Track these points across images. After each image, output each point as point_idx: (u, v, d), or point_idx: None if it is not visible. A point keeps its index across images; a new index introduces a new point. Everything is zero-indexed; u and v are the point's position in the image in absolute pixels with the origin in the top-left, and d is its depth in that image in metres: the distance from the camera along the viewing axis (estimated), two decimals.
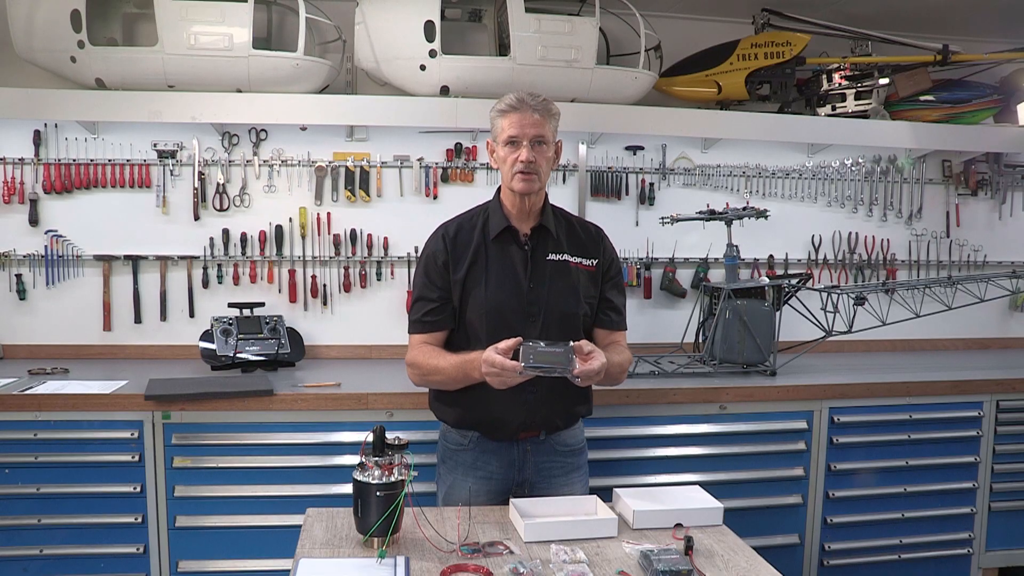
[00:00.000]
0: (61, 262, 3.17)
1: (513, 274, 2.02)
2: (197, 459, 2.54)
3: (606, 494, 1.95)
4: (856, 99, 3.48)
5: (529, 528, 1.73)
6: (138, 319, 3.24)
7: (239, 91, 3.01)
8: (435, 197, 3.38)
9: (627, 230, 3.52)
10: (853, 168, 3.71)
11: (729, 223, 3.21)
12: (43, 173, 3.14)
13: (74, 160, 3.15)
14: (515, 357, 1.80)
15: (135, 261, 3.22)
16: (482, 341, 1.99)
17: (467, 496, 2.03)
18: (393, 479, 1.62)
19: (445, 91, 3.10)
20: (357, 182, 3.32)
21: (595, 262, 2.10)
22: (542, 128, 1.98)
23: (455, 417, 2.08)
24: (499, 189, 2.11)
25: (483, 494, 2.06)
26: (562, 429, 2.11)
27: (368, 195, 3.34)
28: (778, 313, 3.06)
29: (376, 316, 3.36)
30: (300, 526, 1.76)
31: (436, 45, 3.01)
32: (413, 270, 3.32)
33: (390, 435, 1.69)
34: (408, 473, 1.66)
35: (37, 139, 3.12)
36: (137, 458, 2.52)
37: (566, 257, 2.07)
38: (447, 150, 3.39)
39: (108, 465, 2.52)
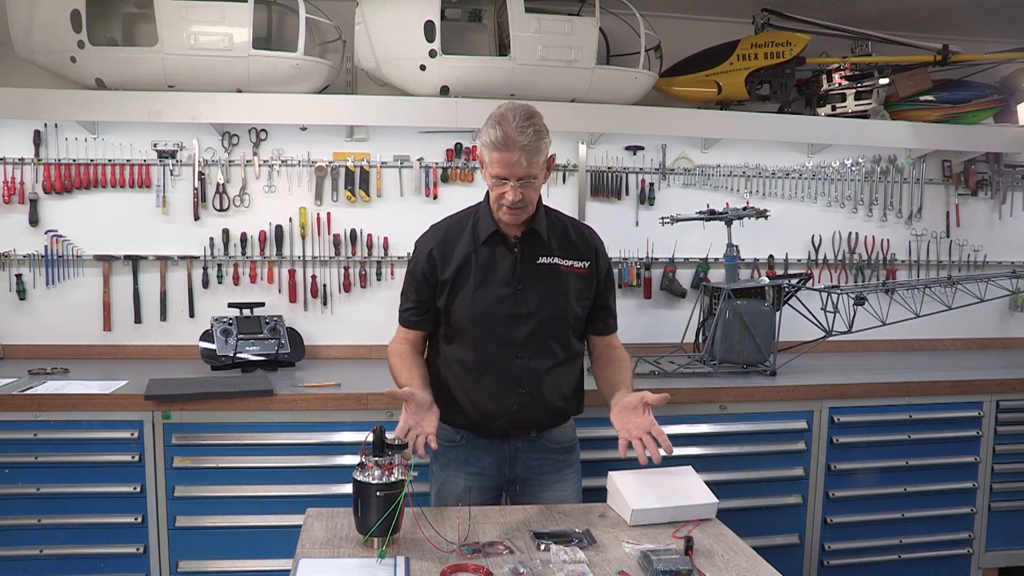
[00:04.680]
0: (61, 262, 3.18)
1: (502, 277, 2.01)
2: (197, 459, 2.54)
3: (604, 494, 1.96)
4: (856, 99, 3.48)
5: (636, 513, 1.79)
6: (138, 319, 3.24)
7: (239, 91, 3.01)
8: (435, 197, 3.38)
9: (627, 230, 3.52)
10: (853, 168, 3.71)
11: (729, 223, 3.21)
12: (43, 173, 3.14)
13: (74, 160, 3.15)
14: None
15: (135, 261, 3.22)
16: (471, 342, 2.01)
17: (460, 493, 2.04)
18: (393, 479, 1.62)
19: (445, 91, 3.10)
20: (357, 182, 3.32)
21: (587, 264, 2.08)
22: (530, 168, 1.88)
23: (446, 411, 2.04)
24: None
25: (475, 491, 2.07)
26: (552, 428, 2.11)
27: (368, 195, 3.34)
28: (778, 313, 3.06)
29: (376, 316, 3.36)
30: (300, 526, 1.75)
31: (436, 45, 3.01)
32: None
33: (390, 435, 1.69)
34: (408, 473, 1.66)
35: (37, 139, 3.12)
36: (137, 458, 2.52)
37: (557, 260, 2.05)
38: (447, 150, 3.39)
39: (108, 465, 2.52)
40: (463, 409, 2.05)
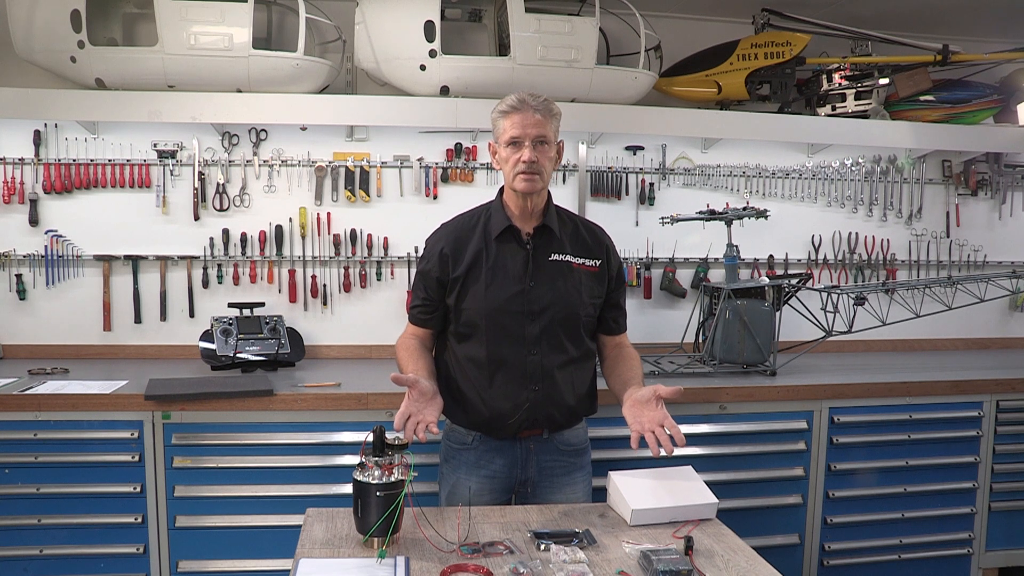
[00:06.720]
0: (61, 262, 3.18)
1: (513, 273, 2.02)
2: (197, 459, 2.54)
3: (604, 494, 1.95)
4: (856, 99, 3.48)
5: (636, 513, 1.80)
6: (138, 319, 3.24)
7: (239, 91, 3.01)
8: (435, 197, 3.38)
9: (627, 230, 3.52)
10: (853, 168, 3.71)
11: (729, 223, 3.21)
12: (43, 173, 3.14)
13: (74, 160, 3.15)
14: None
15: (135, 261, 3.22)
16: (483, 339, 2.01)
17: (470, 497, 2.03)
18: (393, 479, 1.62)
19: (445, 91, 3.10)
20: (357, 182, 3.32)
21: (599, 263, 2.10)
22: (544, 128, 1.97)
23: (457, 412, 2.08)
24: (502, 189, 2.10)
25: (486, 493, 2.07)
26: (564, 427, 2.11)
27: (368, 195, 3.34)
28: (778, 313, 3.06)
29: (376, 316, 3.36)
30: (300, 526, 1.75)
31: (436, 45, 3.01)
32: (414, 269, 3.35)
33: (390, 435, 1.69)
34: (408, 473, 1.66)
35: (37, 139, 3.12)
36: (137, 458, 2.52)
37: (569, 258, 2.06)
38: (447, 150, 3.39)
39: (108, 465, 2.52)
40: (475, 408, 2.05)
